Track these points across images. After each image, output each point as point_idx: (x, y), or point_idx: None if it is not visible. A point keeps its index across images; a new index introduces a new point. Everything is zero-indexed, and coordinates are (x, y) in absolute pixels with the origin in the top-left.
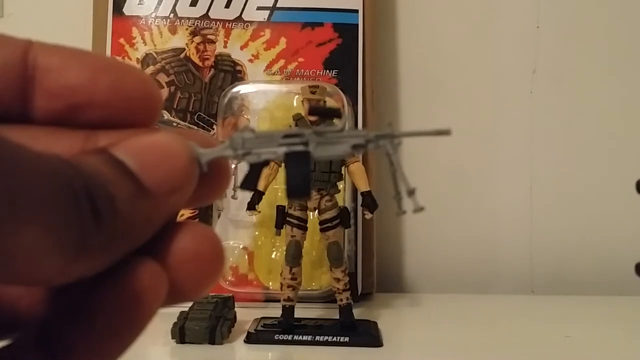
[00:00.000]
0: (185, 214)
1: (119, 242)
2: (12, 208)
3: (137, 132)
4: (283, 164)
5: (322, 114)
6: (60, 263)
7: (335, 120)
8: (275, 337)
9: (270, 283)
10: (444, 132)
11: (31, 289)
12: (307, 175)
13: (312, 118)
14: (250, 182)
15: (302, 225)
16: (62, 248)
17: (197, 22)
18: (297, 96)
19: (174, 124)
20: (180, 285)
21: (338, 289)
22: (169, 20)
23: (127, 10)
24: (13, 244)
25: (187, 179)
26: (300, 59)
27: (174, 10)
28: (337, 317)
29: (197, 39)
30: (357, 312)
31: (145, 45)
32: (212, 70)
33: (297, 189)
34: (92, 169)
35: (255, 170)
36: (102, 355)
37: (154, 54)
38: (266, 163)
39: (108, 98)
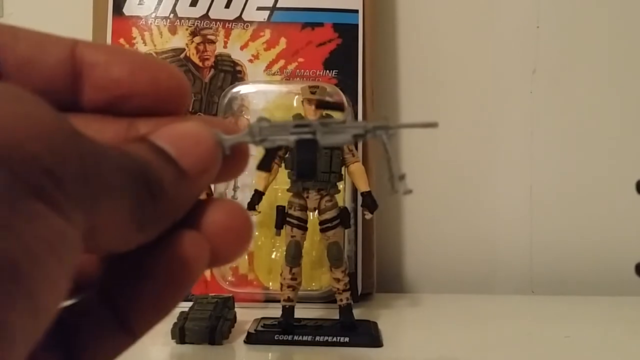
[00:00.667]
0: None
1: (167, 216)
2: (102, 190)
3: (171, 120)
4: (293, 150)
5: (328, 107)
6: (129, 233)
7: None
8: (275, 338)
9: (270, 283)
10: (432, 125)
11: (96, 257)
12: (313, 159)
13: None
14: (265, 164)
15: (302, 225)
16: (131, 221)
17: (197, 22)
18: (297, 96)
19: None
20: (217, 253)
21: (338, 289)
22: (169, 20)
23: (127, 10)
24: (103, 218)
25: (214, 162)
26: (300, 59)
27: (174, 11)
28: (337, 318)
29: (197, 39)
30: (357, 313)
31: (145, 45)
32: (212, 71)
33: (304, 171)
34: (143, 158)
35: (270, 155)
36: (158, 309)
37: (154, 54)
38: (280, 148)
39: (146, 90)
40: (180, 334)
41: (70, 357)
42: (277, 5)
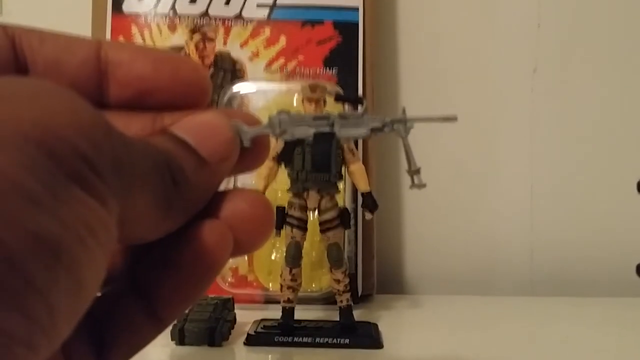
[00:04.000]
0: None
1: (190, 202)
2: (132, 179)
3: (194, 112)
4: (312, 141)
5: (346, 101)
6: (156, 220)
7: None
8: (275, 339)
9: (270, 284)
10: (451, 119)
11: (125, 248)
12: (329, 152)
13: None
14: (285, 156)
15: (302, 226)
16: (158, 208)
17: (197, 19)
18: (297, 94)
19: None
20: (240, 242)
21: (338, 290)
22: (168, 17)
23: (127, 7)
24: (133, 205)
25: (232, 151)
26: (300, 57)
27: (173, 8)
28: (337, 319)
29: (197, 37)
30: (358, 314)
31: (144, 42)
32: (212, 69)
33: (320, 163)
34: (165, 148)
35: (290, 147)
36: (184, 298)
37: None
38: (299, 141)
39: (168, 84)
40: (180, 336)
41: (101, 347)
42: (277, 3)
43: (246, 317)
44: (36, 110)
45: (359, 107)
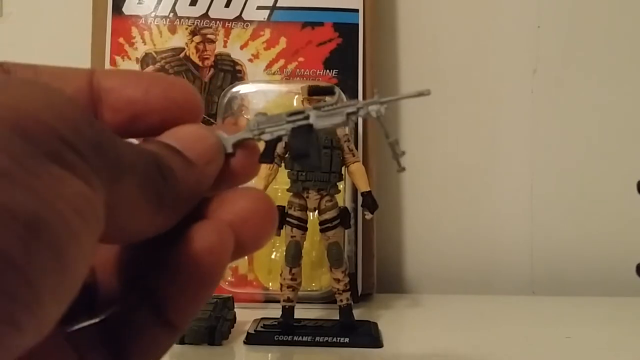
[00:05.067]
0: None
1: (181, 202)
2: (118, 166)
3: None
4: (290, 136)
5: (320, 93)
6: (148, 215)
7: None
8: (275, 338)
9: (270, 284)
10: (424, 93)
11: (131, 258)
12: (311, 141)
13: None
14: (267, 155)
15: (302, 225)
16: (148, 202)
17: (197, 21)
18: (297, 96)
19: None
20: (244, 241)
21: (338, 289)
22: (168, 19)
23: (127, 9)
24: (120, 194)
25: (217, 154)
26: (301, 59)
27: (173, 10)
28: (337, 318)
29: (197, 39)
30: (357, 313)
31: (144, 44)
32: (212, 70)
33: (301, 153)
34: (154, 150)
35: (270, 146)
36: (191, 302)
37: (154, 54)
38: (279, 139)
39: (160, 105)
40: None
41: (118, 356)
42: (277, 5)
43: (246, 316)
44: (12, 97)
45: (332, 97)
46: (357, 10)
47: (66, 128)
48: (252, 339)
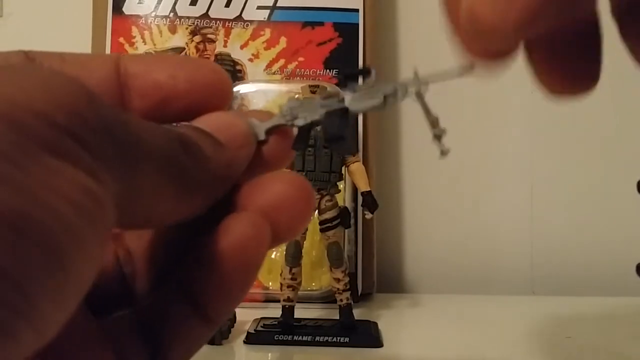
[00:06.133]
0: None
1: (210, 185)
2: (133, 150)
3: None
4: (324, 120)
5: (355, 75)
6: (172, 198)
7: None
8: (275, 338)
9: (270, 283)
10: (468, 70)
11: (167, 249)
12: (346, 125)
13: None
14: (301, 141)
15: None
16: (170, 183)
17: (197, 21)
18: (297, 96)
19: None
20: (280, 228)
21: (338, 289)
22: (168, 19)
23: (127, 9)
24: (136, 181)
25: (249, 138)
26: (301, 59)
27: (173, 10)
28: (337, 318)
29: (197, 39)
30: (357, 313)
31: (145, 44)
32: None
33: (337, 137)
34: (181, 130)
35: (303, 132)
36: (229, 295)
37: (154, 54)
38: (313, 124)
39: (187, 89)
40: None
41: (156, 352)
42: (278, 5)
43: (246, 316)
44: (2, 84)
45: (368, 78)
46: (357, 10)
47: (64, 114)
48: (252, 339)
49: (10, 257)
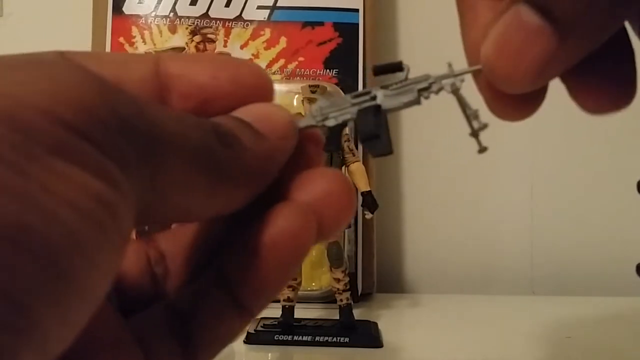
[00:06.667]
0: None
1: (249, 176)
2: (157, 144)
3: None
4: (356, 119)
5: (386, 70)
6: (205, 190)
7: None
8: (275, 338)
9: None
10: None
11: (205, 238)
12: (380, 123)
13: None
14: (332, 143)
15: None
16: (202, 174)
17: (197, 21)
18: (297, 96)
19: None
20: (324, 224)
21: (338, 289)
22: (168, 19)
23: (127, 9)
24: (164, 176)
25: (290, 129)
26: (301, 59)
27: (173, 9)
28: (337, 318)
29: (197, 38)
30: (357, 313)
31: (145, 44)
32: None
33: (371, 136)
34: (216, 120)
35: (334, 132)
36: (269, 287)
37: (154, 54)
38: (344, 124)
39: (229, 90)
40: None
41: (187, 343)
42: (278, 4)
43: None
44: (9, 83)
45: (401, 74)
46: (357, 10)
47: (74, 113)
48: (252, 339)
49: (8, 273)
